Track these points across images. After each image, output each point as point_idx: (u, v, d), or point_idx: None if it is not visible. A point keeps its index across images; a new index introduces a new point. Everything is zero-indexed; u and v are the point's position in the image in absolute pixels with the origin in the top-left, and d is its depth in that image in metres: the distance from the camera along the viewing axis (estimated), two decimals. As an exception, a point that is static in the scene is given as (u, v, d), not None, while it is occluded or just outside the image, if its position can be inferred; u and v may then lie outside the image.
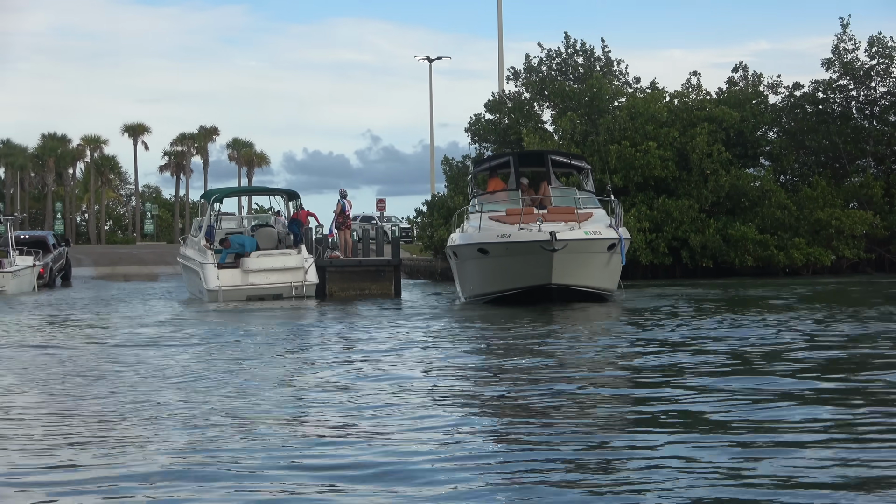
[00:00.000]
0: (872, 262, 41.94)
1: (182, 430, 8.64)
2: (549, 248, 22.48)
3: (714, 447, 7.44)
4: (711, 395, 9.72)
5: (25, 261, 35.53)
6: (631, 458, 7.22)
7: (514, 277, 23.59)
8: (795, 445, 7.48)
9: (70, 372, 12.65)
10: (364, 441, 8.01)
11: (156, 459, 7.44)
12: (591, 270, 23.73)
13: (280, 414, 9.37)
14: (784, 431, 7.98)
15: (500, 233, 23.63)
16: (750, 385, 10.30)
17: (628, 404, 9.75)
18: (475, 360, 13.74)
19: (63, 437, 8.44)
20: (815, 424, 8.22)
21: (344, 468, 7.10)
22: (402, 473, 6.91)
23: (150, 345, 15.97)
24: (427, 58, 67.62)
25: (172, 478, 6.88)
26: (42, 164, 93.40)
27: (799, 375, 10.95)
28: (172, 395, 10.53)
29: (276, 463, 7.29)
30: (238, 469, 7.13)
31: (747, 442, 7.65)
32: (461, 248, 25.45)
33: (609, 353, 13.94)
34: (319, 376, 11.95)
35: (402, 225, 57.76)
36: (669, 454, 7.27)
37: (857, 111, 44.32)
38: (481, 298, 25.14)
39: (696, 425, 8.34)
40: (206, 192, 38.71)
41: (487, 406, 9.85)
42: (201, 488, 6.63)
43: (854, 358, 12.72)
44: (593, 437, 7.99)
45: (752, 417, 8.60)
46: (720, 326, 17.11)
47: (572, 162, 28.40)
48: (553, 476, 6.77)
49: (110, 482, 6.83)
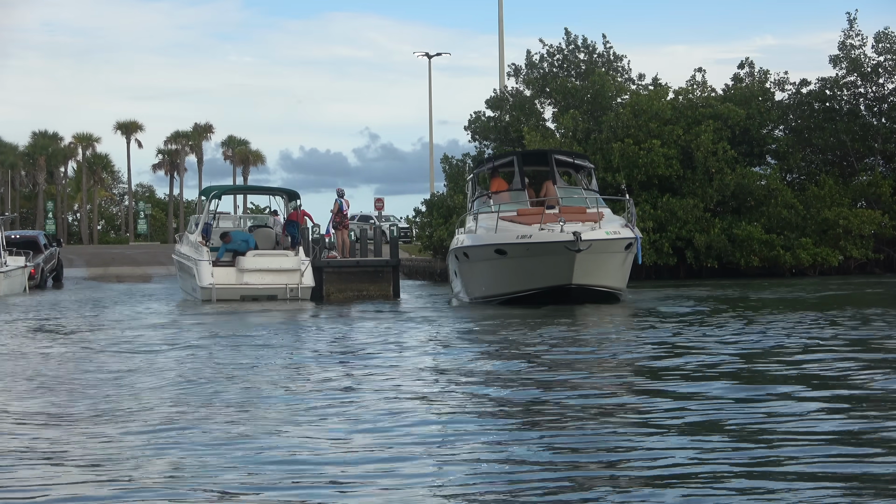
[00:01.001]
0: (881, 262, 41.33)
1: (172, 438, 8.19)
2: (573, 248, 22.33)
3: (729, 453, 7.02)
4: (729, 402, 9.20)
5: (16, 261, 34.83)
6: (647, 467, 6.82)
7: (534, 278, 23.38)
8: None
9: (52, 377, 11.98)
10: (362, 448, 7.80)
11: (143, 470, 7.13)
12: (609, 270, 23.70)
13: (274, 421, 8.92)
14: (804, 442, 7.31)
15: (520, 234, 23.36)
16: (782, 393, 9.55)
17: (646, 410, 8.97)
18: (478, 363, 13.09)
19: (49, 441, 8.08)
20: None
21: (345, 467, 7.01)
22: (402, 475, 6.84)
23: (138, 350, 15.25)
24: (426, 54, 67.00)
25: (164, 486, 6.67)
26: (33, 162, 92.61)
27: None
28: (158, 403, 9.89)
29: (267, 469, 7.08)
30: (228, 477, 6.94)
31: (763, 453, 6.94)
32: (474, 249, 24.94)
33: (621, 357, 13.20)
34: (312, 382, 11.31)
35: (401, 225, 57.18)
36: (685, 461, 7.00)
37: (865, 108, 43.74)
38: (494, 299, 24.72)
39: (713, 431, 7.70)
40: (205, 188, 38.01)
41: (492, 410, 9.38)
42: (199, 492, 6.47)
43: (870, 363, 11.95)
44: (606, 441, 7.73)
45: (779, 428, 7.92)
46: (744, 330, 16.39)
47: (576, 161, 28.14)
48: (555, 480, 6.62)
49: (96, 488, 6.61)
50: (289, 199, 31.71)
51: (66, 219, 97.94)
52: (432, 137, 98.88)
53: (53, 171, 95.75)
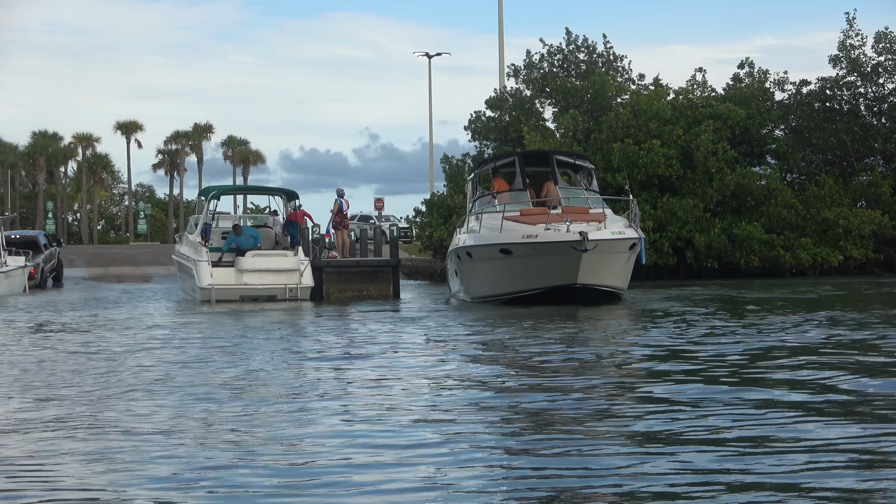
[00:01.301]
0: (881, 262, 41.30)
1: (169, 440, 8.07)
2: (580, 248, 22.49)
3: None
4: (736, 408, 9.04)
5: (16, 261, 34.80)
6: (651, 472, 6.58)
7: (539, 278, 23.55)
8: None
9: (48, 378, 11.88)
10: (362, 448, 7.72)
11: (140, 474, 7.02)
12: (613, 270, 23.89)
13: (272, 425, 8.76)
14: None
15: (526, 233, 23.47)
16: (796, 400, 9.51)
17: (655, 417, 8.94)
18: (477, 364, 13.03)
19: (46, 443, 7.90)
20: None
21: (343, 471, 6.96)
22: (402, 475, 6.82)
23: (136, 350, 15.16)
24: (426, 54, 66.97)
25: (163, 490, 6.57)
26: (33, 162, 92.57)
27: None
28: (155, 406, 9.78)
29: (266, 474, 6.98)
30: (228, 481, 6.81)
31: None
32: (478, 248, 25.01)
33: (621, 359, 13.15)
34: (312, 382, 11.20)
35: (401, 225, 57.13)
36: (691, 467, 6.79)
37: (864, 108, 43.74)
38: (498, 298, 24.85)
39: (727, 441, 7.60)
40: (205, 188, 37.98)
41: (495, 414, 9.22)
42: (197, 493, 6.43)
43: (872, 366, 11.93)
44: (606, 442, 7.42)
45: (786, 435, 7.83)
46: (745, 332, 16.36)
47: (576, 162, 28.26)
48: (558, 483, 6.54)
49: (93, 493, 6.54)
50: (288, 199, 31.69)
51: (66, 219, 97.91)
52: (432, 137, 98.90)
53: (53, 171, 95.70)
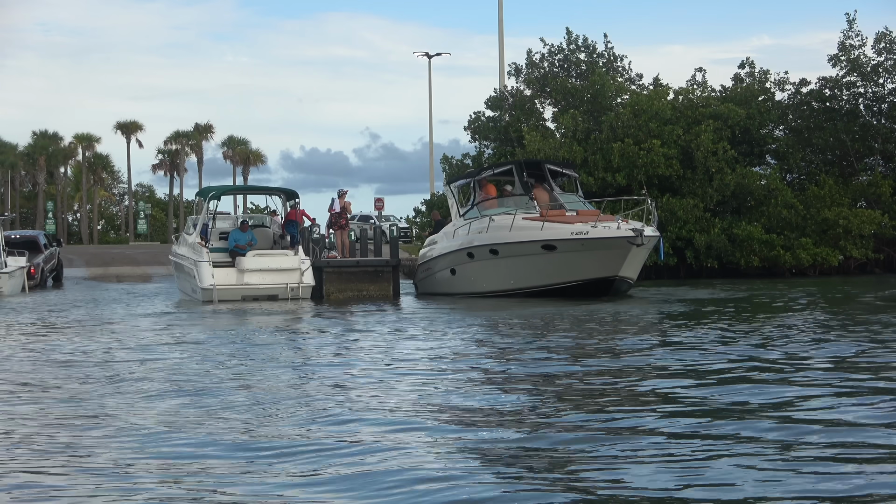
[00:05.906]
0: (881, 262, 41.30)
1: (171, 439, 8.09)
2: (636, 242, 24.72)
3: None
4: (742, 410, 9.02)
5: (16, 261, 34.74)
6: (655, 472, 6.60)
7: (580, 271, 25.55)
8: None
9: (47, 377, 11.88)
10: (361, 448, 7.70)
11: (137, 468, 7.07)
12: (636, 264, 26.37)
13: (270, 421, 8.82)
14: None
15: (575, 231, 25.33)
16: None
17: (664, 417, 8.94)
18: (482, 362, 13.01)
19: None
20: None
21: (343, 470, 6.94)
22: (401, 475, 6.81)
23: (138, 349, 15.16)
24: (426, 54, 67.04)
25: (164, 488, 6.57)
26: (33, 162, 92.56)
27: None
28: (158, 405, 9.78)
29: (266, 473, 6.98)
30: (229, 479, 6.84)
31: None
32: (508, 245, 26.49)
33: (621, 360, 13.14)
34: (311, 383, 11.21)
35: (401, 225, 57.08)
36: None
37: (864, 108, 43.75)
38: (522, 291, 26.60)
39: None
40: (203, 189, 37.88)
41: (499, 417, 9.13)
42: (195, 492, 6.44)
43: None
44: (607, 443, 7.52)
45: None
46: (748, 332, 16.34)
47: (564, 170, 30.49)
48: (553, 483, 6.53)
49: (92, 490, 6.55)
50: (287, 199, 31.67)
51: (66, 219, 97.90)
52: (432, 137, 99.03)
53: (53, 171, 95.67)
